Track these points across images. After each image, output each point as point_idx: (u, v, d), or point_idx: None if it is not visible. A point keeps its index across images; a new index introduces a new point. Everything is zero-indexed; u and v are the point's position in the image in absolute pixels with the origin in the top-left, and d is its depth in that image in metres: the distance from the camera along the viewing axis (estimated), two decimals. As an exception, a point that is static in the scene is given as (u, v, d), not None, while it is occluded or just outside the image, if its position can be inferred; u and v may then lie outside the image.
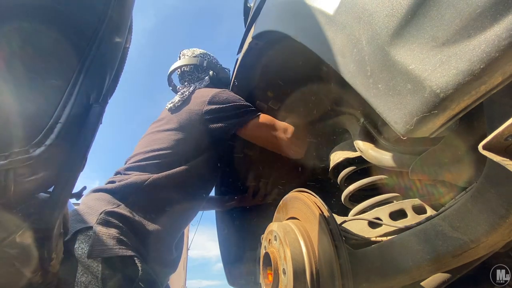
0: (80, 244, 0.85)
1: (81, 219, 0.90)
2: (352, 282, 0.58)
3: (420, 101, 0.33)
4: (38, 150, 0.43)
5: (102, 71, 0.52)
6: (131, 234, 0.94)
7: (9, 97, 0.41)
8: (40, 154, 0.43)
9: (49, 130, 0.44)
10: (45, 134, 0.44)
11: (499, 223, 0.45)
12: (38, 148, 0.43)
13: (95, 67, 0.49)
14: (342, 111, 1.02)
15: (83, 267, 0.83)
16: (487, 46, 0.28)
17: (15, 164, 0.41)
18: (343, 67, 0.44)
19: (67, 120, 0.46)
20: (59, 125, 0.45)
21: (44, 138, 0.44)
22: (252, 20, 1.06)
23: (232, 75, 1.23)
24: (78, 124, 0.48)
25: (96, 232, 0.86)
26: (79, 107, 0.47)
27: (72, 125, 0.47)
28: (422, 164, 0.59)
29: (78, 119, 0.48)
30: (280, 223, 0.75)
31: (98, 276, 0.82)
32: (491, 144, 0.32)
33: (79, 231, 0.87)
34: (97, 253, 0.84)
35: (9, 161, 0.40)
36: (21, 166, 0.41)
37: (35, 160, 0.42)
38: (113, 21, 0.49)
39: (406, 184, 0.84)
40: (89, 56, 0.48)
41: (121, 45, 0.54)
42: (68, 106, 0.46)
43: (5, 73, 0.41)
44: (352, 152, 0.92)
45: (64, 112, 0.45)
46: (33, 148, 0.42)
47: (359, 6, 0.42)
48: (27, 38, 0.42)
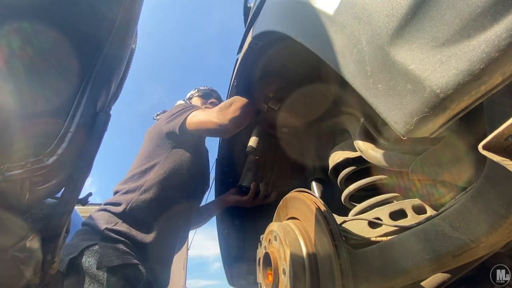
0: (87, 258, 0.97)
1: (87, 237, 1.04)
2: (352, 282, 0.58)
3: (420, 101, 0.33)
4: (51, 159, 0.44)
5: (109, 78, 0.54)
6: (132, 247, 1.08)
7: (23, 107, 0.43)
8: (53, 163, 0.44)
9: (61, 139, 0.46)
10: (57, 143, 0.46)
11: (499, 223, 0.45)
12: (51, 157, 0.45)
13: (103, 75, 0.51)
14: (342, 111, 1.02)
15: (90, 278, 0.95)
16: (487, 46, 0.28)
17: (30, 173, 0.42)
18: (343, 67, 0.44)
19: (77, 129, 0.47)
20: (69, 134, 0.47)
21: (56, 147, 0.46)
22: (252, 20, 1.06)
23: (232, 75, 1.23)
24: (85, 132, 0.50)
25: (102, 247, 1.00)
26: (87, 115, 0.49)
27: (80, 133, 0.48)
28: (422, 164, 0.59)
29: (86, 127, 0.50)
30: (280, 223, 0.75)
31: (104, 283, 0.94)
32: (491, 144, 0.32)
33: (86, 248, 1.00)
34: (105, 263, 0.97)
35: (25, 170, 0.41)
36: (35, 175, 0.43)
37: (48, 169, 0.44)
38: (121, 29, 0.50)
39: (406, 184, 0.84)
40: (96, 65, 0.50)
41: (128, 50, 0.56)
42: (77, 115, 0.48)
43: (19, 84, 0.42)
44: (352, 152, 0.92)
45: (73, 121, 0.47)
46: (46, 157, 0.44)
47: (359, 6, 0.41)
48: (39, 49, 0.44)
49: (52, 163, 0.44)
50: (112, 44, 0.50)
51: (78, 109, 0.48)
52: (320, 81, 1.04)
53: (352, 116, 0.96)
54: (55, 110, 0.47)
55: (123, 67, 0.57)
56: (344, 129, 1.02)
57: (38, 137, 0.45)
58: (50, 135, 0.46)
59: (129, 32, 0.54)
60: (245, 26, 1.20)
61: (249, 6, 1.37)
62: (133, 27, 0.54)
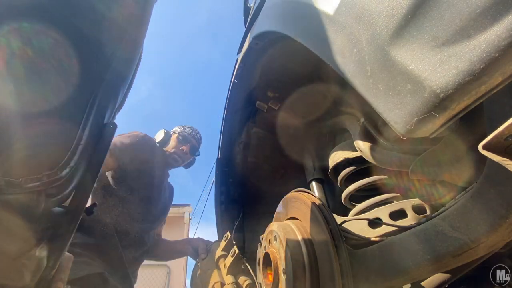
0: None
1: None
2: (352, 282, 0.58)
3: (420, 101, 0.33)
4: (64, 172, 0.46)
5: (117, 90, 0.56)
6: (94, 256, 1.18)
7: (39, 122, 0.44)
8: (66, 175, 0.46)
9: (73, 152, 0.48)
10: (69, 156, 0.47)
11: (499, 223, 0.45)
12: (64, 169, 0.46)
13: (111, 88, 0.53)
14: (342, 111, 1.02)
15: None
16: (487, 46, 0.28)
17: (46, 186, 0.44)
18: (343, 67, 0.44)
19: (87, 141, 0.49)
20: (80, 147, 0.48)
21: (69, 159, 0.47)
22: (252, 20, 1.06)
23: (232, 75, 1.23)
24: (94, 143, 0.52)
25: None
26: (96, 127, 0.51)
27: (90, 145, 0.50)
28: (422, 164, 0.59)
29: (94, 139, 0.51)
30: (280, 223, 0.75)
31: None
32: (491, 144, 0.32)
33: None
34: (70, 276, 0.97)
35: (41, 183, 0.43)
36: (51, 187, 0.44)
37: (62, 181, 0.46)
38: (129, 40, 0.52)
39: (406, 184, 0.83)
40: (106, 78, 0.51)
41: (136, 60, 0.56)
42: (87, 128, 0.49)
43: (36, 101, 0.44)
44: (352, 152, 0.92)
45: (84, 134, 0.49)
46: (60, 170, 0.46)
47: (359, 6, 0.41)
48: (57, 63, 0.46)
49: (65, 175, 0.46)
50: (122, 55, 0.52)
51: (88, 121, 0.50)
52: (320, 81, 1.03)
53: (352, 116, 0.96)
54: (67, 123, 0.49)
55: (130, 76, 0.58)
56: (344, 129, 1.02)
57: (52, 150, 0.47)
58: (63, 148, 0.47)
59: (138, 43, 0.56)
60: (245, 26, 1.20)
61: (249, 6, 1.37)
62: (142, 38, 0.56)
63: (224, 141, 1.44)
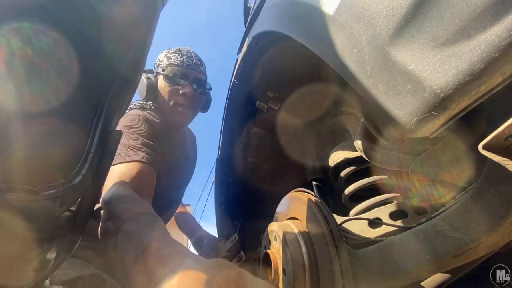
0: None
1: None
2: (352, 282, 0.58)
3: (420, 101, 0.33)
4: (77, 179, 0.47)
5: (124, 97, 0.56)
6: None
7: (54, 130, 0.45)
8: (79, 183, 0.47)
9: (84, 160, 0.49)
10: (81, 163, 0.49)
11: (499, 223, 0.45)
12: (77, 177, 0.47)
13: (118, 95, 0.54)
14: (342, 111, 1.02)
15: None
16: (487, 46, 0.28)
17: (62, 193, 0.44)
18: (343, 67, 0.44)
19: (96, 149, 0.50)
20: (91, 155, 0.49)
21: (81, 167, 0.48)
22: (252, 20, 1.06)
23: (232, 75, 1.23)
24: (102, 151, 0.53)
25: None
26: (103, 135, 0.52)
27: (98, 153, 0.51)
28: (422, 164, 0.59)
29: (102, 146, 0.52)
30: (280, 223, 0.75)
31: None
32: (491, 144, 0.32)
33: None
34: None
35: (57, 190, 0.44)
36: (65, 194, 0.45)
37: (75, 188, 0.47)
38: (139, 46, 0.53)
39: (406, 184, 0.84)
40: (113, 86, 0.52)
41: (143, 65, 0.57)
42: (96, 135, 0.50)
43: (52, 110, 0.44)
44: (352, 152, 0.92)
45: (93, 142, 0.50)
46: (74, 177, 0.47)
47: (359, 6, 0.41)
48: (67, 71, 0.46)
49: (78, 183, 0.47)
50: (130, 63, 0.53)
51: (97, 129, 0.51)
52: (320, 81, 1.03)
53: (352, 116, 0.96)
54: (79, 131, 0.50)
55: (136, 80, 0.59)
56: (344, 129, 1.02)
57: (67, 159, 0.48)
58: (75, 156, 0.49)
59: (145, 51, 0.57)
60: (245, 26, 1.20)
61: (249, 6, 1.37)
62: (150, 42, 0.57)
63: (224, 141, 1.45)
